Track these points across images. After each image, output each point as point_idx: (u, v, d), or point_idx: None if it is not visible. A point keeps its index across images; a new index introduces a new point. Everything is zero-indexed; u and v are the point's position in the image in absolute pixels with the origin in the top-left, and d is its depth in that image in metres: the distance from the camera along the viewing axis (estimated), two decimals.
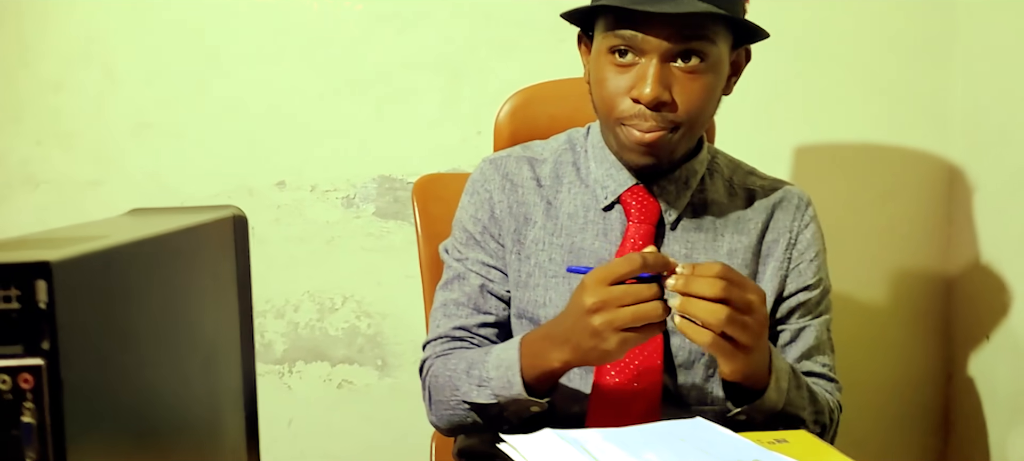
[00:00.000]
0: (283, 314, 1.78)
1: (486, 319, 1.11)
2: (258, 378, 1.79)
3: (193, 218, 0.67)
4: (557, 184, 1.12)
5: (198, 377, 0.64)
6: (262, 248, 1.75)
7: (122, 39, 1.70)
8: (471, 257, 1.12)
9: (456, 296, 1.12)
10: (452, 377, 1.04)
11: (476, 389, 1.00)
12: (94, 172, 1.72)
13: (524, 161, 1.14)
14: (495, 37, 1.71)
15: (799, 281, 1.10)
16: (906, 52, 1.73)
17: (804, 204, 1.13)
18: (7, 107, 1.70)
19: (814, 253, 1.11)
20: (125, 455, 0.52)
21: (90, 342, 0.46)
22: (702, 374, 1.07)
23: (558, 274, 1.07)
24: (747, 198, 1.12)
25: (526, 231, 1.10)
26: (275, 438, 1.80)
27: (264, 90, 1.72)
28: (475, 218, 1.13)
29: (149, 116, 1.72)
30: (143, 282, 0.55)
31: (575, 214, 1.09)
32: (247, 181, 1.74)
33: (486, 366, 0.99)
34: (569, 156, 1.13)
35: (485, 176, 1.14)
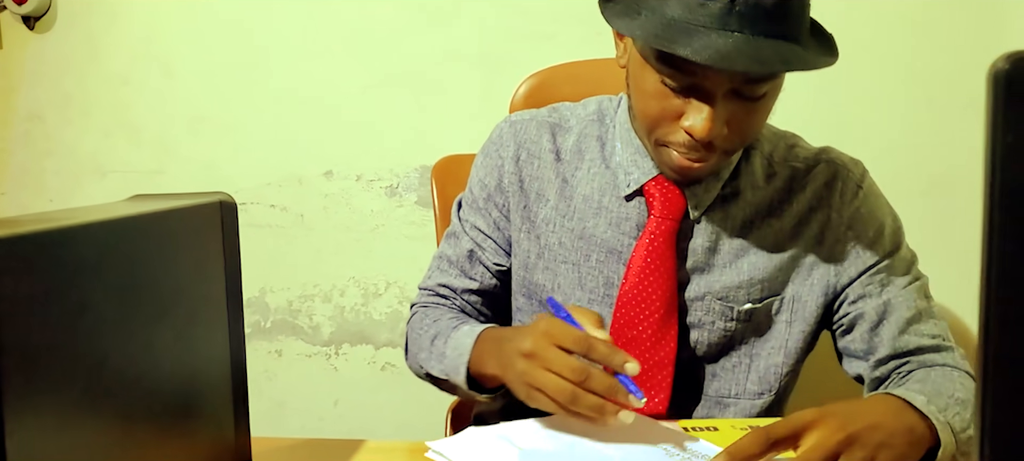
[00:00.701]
0: (330, 298, 1.85)
1: (470, 285, 1.10)
2: (306, 359, 1.89)
3: (173, 203, 0.73)
4: (577, 160, 1.04)
5: (172, 350, 0.70)
6: (310, 235, 1.84)
7: (179, 37, 1.80)
8: (470, 220, 1.10)
9: (450, 253, 1.11)
10: (420, 338, 1.05)
11: (434, 362, 1.00)
12: (155, 162, 1.83)
13: (546, 128, 1.06)
14: (533, 29, 1.73)
15: (859, 263, 0.99)
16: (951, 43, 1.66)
17: (847, 175, 1.01)
18: (79, 102, 1.83)
19: (873, 229, 1.00)
20: (76, 416, 0.57)
21: (35, 311, 0.52)
22: (723, 368, 1.03)
23: (568, 259, 1.03)
24: (786, 178, 1.01)
25: (538, 208, 1.05)
26: (322, 417, 1.88)
27: (311, 84, 1.79)
28: (483, 183, 1.08)
29: (204, 110, 1.81)
30: (105, 259, 0.61)
31: (590, 197, 1.03)
32: (296, 171, 1.82)
33: (447, 343, 0.99)
34: (595, 129, 1.05)
35: (502, 140, 1.08)
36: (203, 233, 0.76)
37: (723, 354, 1.03)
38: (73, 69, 1.82)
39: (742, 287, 1.00)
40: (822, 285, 1.01)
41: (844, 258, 1.00)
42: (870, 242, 1.00)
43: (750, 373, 1.03)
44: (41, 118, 1.84)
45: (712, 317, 1.00)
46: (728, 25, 0.81)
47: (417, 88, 1.77)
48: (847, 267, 1.00)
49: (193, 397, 0.74)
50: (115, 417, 0.62)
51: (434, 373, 1.01)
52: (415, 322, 1.09)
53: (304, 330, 1.87)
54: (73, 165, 1.85)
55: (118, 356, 0.62)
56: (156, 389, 0.67)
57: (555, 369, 0.79)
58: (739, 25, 0.81)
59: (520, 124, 1.07)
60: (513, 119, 1.09)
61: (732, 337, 1.02)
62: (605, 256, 1.02)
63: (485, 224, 1.09)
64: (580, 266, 1.03)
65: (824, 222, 1.00)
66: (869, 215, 1.01)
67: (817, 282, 1.01)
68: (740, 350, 1.03)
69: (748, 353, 1.03)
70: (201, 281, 0.75)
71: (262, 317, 1.88)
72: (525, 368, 0.81)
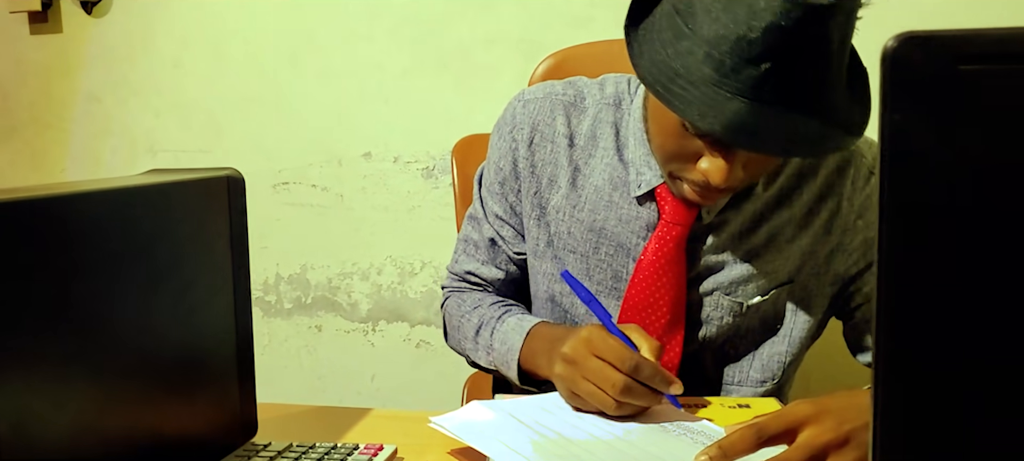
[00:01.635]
0: (367, 276, 1.90)
1: (497, 275, 1.09)
2: (345, 335, 1.94)
3: (179, 177, 0.77)
4: (591, 147, 1.01)
5: (172, 316, 0.74)
6: (350, 214, 1.89)
7: (229, 21, 1.86)
8: (489, 205, 1.09)
9: (475, 237, 1.11)
10: (462, 327, 1.06)
11: (482, 353, 1.03)
12: (204, 142, 1.91)
13: (561, 108, 1.02)
14: (571, 14, 1.74)
15: (871, 253, 0.98)
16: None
17: (865, 164, 0.98)
18: (133, 83, 1.92)
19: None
20: (67, 376, 0.62)
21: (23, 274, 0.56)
22: (727, 358, 1.03)
23: (577, 250, 1.02)
24: (796, 165, 0.98)
25: (549, 195, 1.03)
26: (359, 391, 1.94)
27: (354, 66, 1.84)
28: (498, 167, 1.06)
29: (252, 91, 1.88)
30: (100, 225, 0.65)
31: (601, 189, 1.00)
32: (337, 152, 1.87)
33: (493, 336, 1.01)
34: (611, 115, 1.01)
35: (515, 120, 1.04)
36: (208, 206, 0.80)
37: (728, 344, 1.03)
38: (128, 52, 1.91)
39: (750, 281, 0.98)
40: (831, 275, 1.00)
41: (854, 248, 0.98)
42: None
43: (754, 362, 1.03)
44: (99, 99, 1.94)
45: (720, 313, 1.00)
46: (760, 96, 0.77)
47: (457, 71, 1.80)
48: (857, 258, 0.99)
49: (195, 364, 0.78)
50: (112, 380, 0.67)
51: (482, 363, 1.03)
52: (452, 308, 1.10)
53: (343, 306, 1.93)
54: (128, 144, 1.94)
55: (113, 320, 0.66)
56: (156, 354, 0.72)
57: (594, 380, 0.82)
58: (772, 97, 0.77)
59: (534, 103, 1.04)
60: (527, 97, 1.05)
61: (738, 329, 1.02)
62: (614, 250, 1.00)
63: (502, 210, 1.07)
64: (589, 258, 1.02)
65: (834, 211, 0.98)
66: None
67: (825, 273, 0.99)
68: (746, 340, 1.03)
69: (753, 342, 1.03)
70: (204, 252, 0.79)
71: (303, 293, 1.94)
72: (565, 373, 0.85)
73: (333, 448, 0.82)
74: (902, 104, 0.36)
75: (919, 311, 0.37)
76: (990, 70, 0.35)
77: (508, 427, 0.82)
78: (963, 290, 0.37)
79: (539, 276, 1.06)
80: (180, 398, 0.76)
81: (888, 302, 0.38)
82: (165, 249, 0.74)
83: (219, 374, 0.83)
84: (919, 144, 0.36)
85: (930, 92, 0.36)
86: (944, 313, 0.38)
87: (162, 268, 0.73)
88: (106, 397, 0.67)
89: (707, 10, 0.79)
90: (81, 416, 0.65)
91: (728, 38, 0.77)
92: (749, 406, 0.88)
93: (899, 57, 0.36)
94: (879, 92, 0.37)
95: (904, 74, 0.36)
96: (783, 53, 0.76)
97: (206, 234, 0.80)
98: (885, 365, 0.39)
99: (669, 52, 0.81)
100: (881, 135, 0.37)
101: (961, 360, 0.38)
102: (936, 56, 0.36)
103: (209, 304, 0.80)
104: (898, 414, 0.39)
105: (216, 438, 0.82)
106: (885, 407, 0.39)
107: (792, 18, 0.74)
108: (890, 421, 0.39)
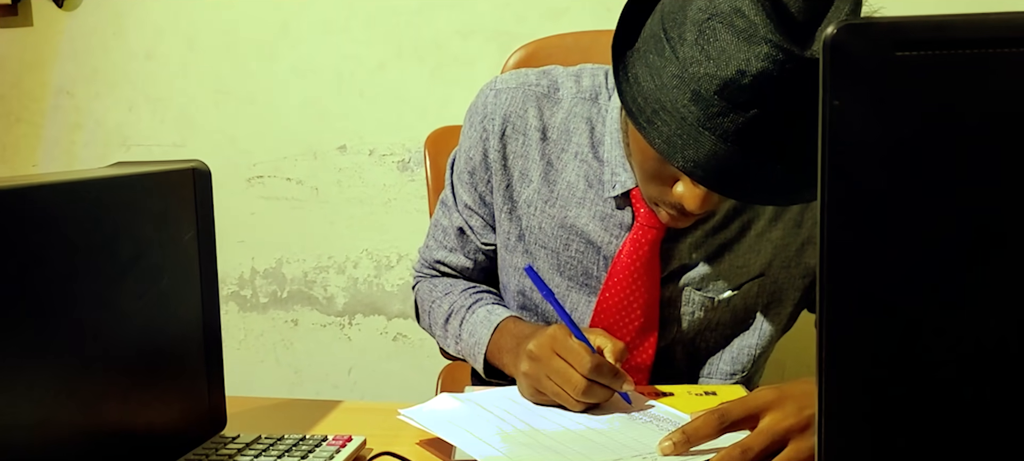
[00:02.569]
0: (344, 270, 1.90)
1: (465, 263, 1.10)
2: (321, 328, 1.94)
3: (143, 169, 0.77)
4: (564, 141, 0.99)
5: (137, 308, 0.74)
6: (325, 207, 1.88)
7: (202, 13, 1.85)
8: (460, 194, 1.08)
9: (445, 223, 1.11)
10: (433, 312, 1.07)
11: (450, 341, 1.05)
12: (178, 135, 1.89)
13: (533, 100, 1.00)
14: (546, 5, 1.74)
15: None
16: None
17: None
18: (104, 76, 1.90)
19: None
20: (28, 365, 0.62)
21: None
22: (698, 351, 1.04)
23: (548, 245, 1.01)
24: None
25: (521, 188, 1.01)
26: (336, 385, 1.93)
27: (329, 59, 1.83)
28: (468, 156, 1.04)
29: (226, 84, 1.87)
30: (61, 216, 0.65)
31: (574, 185, 0.99)
32: (312, 145, 1.87)
33: (462, 327, 1.02)
34: (586, 110, 0.99)
35: (487, 110, 1.02)
36: (173, 198, 0.80)
37: (699, 338, 1.03)
38: (100, 45, 1.89)
39: (722, 277, 0.99)
40: (802, 269, 1.00)
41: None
42: None
43: (724, 355, 1.03)
44: (70, 93, 1.92)
45: (692, 308, 1.00)
46: (744, 142, 0.76)
47: (432, 64, 1.80)
48: None
49: (162, 357, 0.78)
50: (77, 373, 0.66)
51: (450, 351, 1.05)
52: (423, 292, 1.11)
53: (319, 300, 1.92)
54: (101, 138, 1.92)
55: (78, 312, 0.66)
56: (121, 347, 0.71)
57: (556, 380, 0.84)
58: (755, 144, 0.76)
59: (506, 93, 1.01)
60: (499, 86, 1.02)
61: (709, 323, 1.02)
62: (585, 247, 1.00)
63: (471, 200, 1.06)
64: (559, 253, 1.01)
65: (804, 205, 0.98)
66: None
67: (796, 266, 1.00)
68: (716, 333, 1.03)
69: (724, 336, 1.03)
70: (170, 245, 0.79)
71: (279, 287, 1.93)
72: (530, 371, 0.86)
73: (301, 439, 0.82)
74: (842, 90, 0.37)
75: (861, 292, 0.38)
76: (925, 56, 0.36)
77: (476, 418, 0.83)
78: (903, 270, 0.38)
79: (509, 269, 1.06)
80: (146, 391, 0.76)
81: (830, 284, 0.38)
82: (130, 242, 0.73)
83: (186, 367, 0.82)
84: (858, 128, 0.37)
85: (868, 78, 0.37)
86: (885, 293, 0.38)
87: (127, 261, 0.73)
88: (71, 390, 0.66)
89: (698, 43, 0.76)
90: (46, 409, 0.64)
91: (717, 79, 0.75)
92: (715, 393, 0.89)
93: (838, 44, 0.36)
94: (821, 79, 0.37)
95: (844, 61, 0.37)
96: (772, 102, 0.74)
97: (172, 226, 0.80)
98: (829, 348, 0.39)
99: (655, 82, 0.79)
100: (822, 120, 0.37)
101: (903, 340, 0.39)
102: (874, 43, 0.36)
103: (176, 297, 0.80)
104: (842, 397, 0.39)
105: (184, 431, 0.82)
106: (829, 390, 0.40)
107: (786, 70, 0.72)
108: (835, 404, 0.40)
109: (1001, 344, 0.38)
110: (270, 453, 0.79)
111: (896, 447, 0.40)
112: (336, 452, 0.79)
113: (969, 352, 0.38)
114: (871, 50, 0.37)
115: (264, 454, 0.79)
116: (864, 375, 0.40)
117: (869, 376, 0.40)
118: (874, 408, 0.40)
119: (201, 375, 0.85)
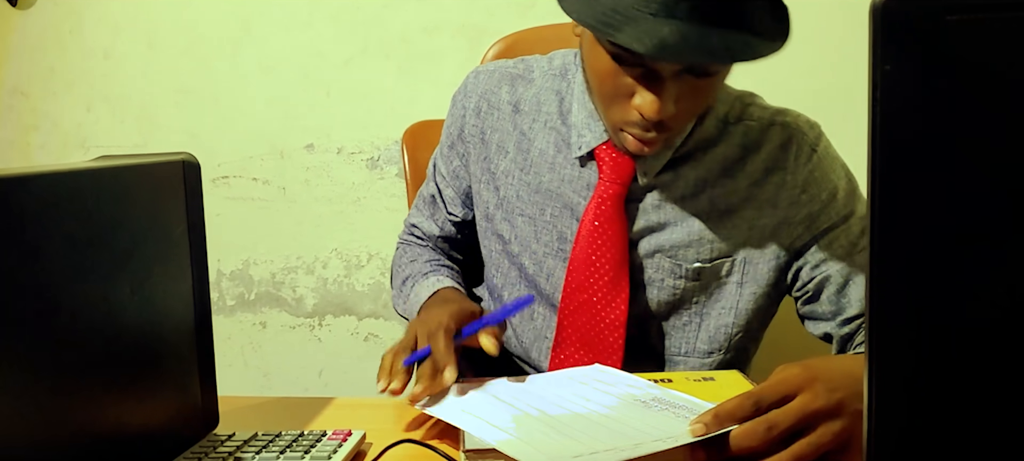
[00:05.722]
0: (313, 270, 1.87)
1: (433, 230, 1.19)
2: (290, 331, 1.90)
3: (134, 161, 0.75)
4: (535, 113, 1.06)
5: (130, 303, 0.72)
6: (292, 207, 1.86)
7: (162, 9, 1.81)
8: (440, 165, 1.17)
9: (425, 192, 1.20)
10: (396, 277, 1.17)
11: (400, 302, 1.14)
12: (139, 135, 1.85)
13: (507, 79, 1.09)
14: (515, 0, 1.74)
15: (816, 224, 1.00)
16: None
17: (802, 137, 1.01)
18: (61, 75, 1.84)
19: (828, 191, 1.00)
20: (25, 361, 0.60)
21: None
22: (673, 327, 1.05)
23: (525, 212, 1.06)
24: (740, 139, 1.01)
25: (498, 160, 1.08)
26: (307, 387, 1.90)
27: (293, 56, 1.80)
28: (449, 131, 1.14)
29: (187, 82, 1.83)
30: (57, 209, 0.63)
31: (545, 152, 1.05)
32: (278, 144, 1.84)
33: (413, 289, 1.10)
34: (556, 84, 1.07)
35: (466, 89, 1.12)
36: (164, 191, 0.78)
37: (673, 312, 1.05)
38: (56, 44, 1.83)
39: (691, 246, 1.01)
40: (776, 248, 1.02)
41: (799, 222, 1.00)
42: (825, 205, 1.00)
43: (700, 332, 1.05)
44: (25, 93, 1.86)
45: (661, 275, 1.02)
46: (675, 12, 0.81)
47: (398, 60, 1.79)
48: (802, 232, 1.01)
49: (155, 352, 0.76)
50: (70, 366, 0.64)
51: (399, 311, 1.14)
52: (396, 256, 1.20)
53: (288, 302, 1.89)
54: (57, 139, 1.87)
55: (71, 305, 0.64)
56: (114, 341, 0.69)
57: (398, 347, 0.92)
58: (687, 12, 0.81)
59: (484, 74, 1.11)
60: (479, 69, 1.12)
61: (682, 295, 1.04)
62: (559, 210, 1.04)
63: (446, 171, 1.15)
64: (536, 220, 1.06)
65: (779, 185, 1.00)
66: (823, 178, 1.00)
67: (771, 245, 1.01)
68: (690, 309, 1.05)
69: (698, 312, 1.05)
70: (161, 238, 0.77)
71: (246, 289, 1.90)
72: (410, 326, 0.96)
73: (300, 435, 0.81)
74: (892, 56, 0.37)
75: (911, 258, 0.39)
76: (977, 19, 0.36)
77: (486, 404, 0.82)
78: (954, 236, 0.38)
79: (493, 238, 1.11)
80: (140, 388, 0.74)
81: (881, 251, 0.39)
82: (122, 235, 0.71)
83: (179, 364, 0.80)
84: (909, 94, 0.38)
85: (919, 42, 0.37)
86: (936, 260, 0.39)
87: (120, 255, 0.70)
88: (61, 387, 0.64)
89: None
90: (38, 407, 0.62)
91: None
92: (713, 378, 0.90)
93: (888, 10, 0.37)
94: (869, 44, 0.38)
95: (894, 25, 0.37)
96: None
97: (163, 220, 0.78)
98: (878, 315, 0.40)
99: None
100: (871, 86, 0.38)
101: (954, 307, 0.39)
102: (925, 7, 0.37)
103: (168, 292, 0.78)
104: (893, 358, 0.40)
105: (177, 430, 0.80)
106: (879, 352, 0.40)
107: None
108: (885, 369, 0.40)
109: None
110: (271, 450, 0.77)
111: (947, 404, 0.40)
112: (338, 446, 0.78)
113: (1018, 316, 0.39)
114: (922, 15, 0.37)
115: (264, 451, 0.77)
116: (914, 338, 0.40)
117: (920, 337, 0.40)
118: (926, 369, 0.40)
119: (193, 372, 0.83)
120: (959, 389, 0.40)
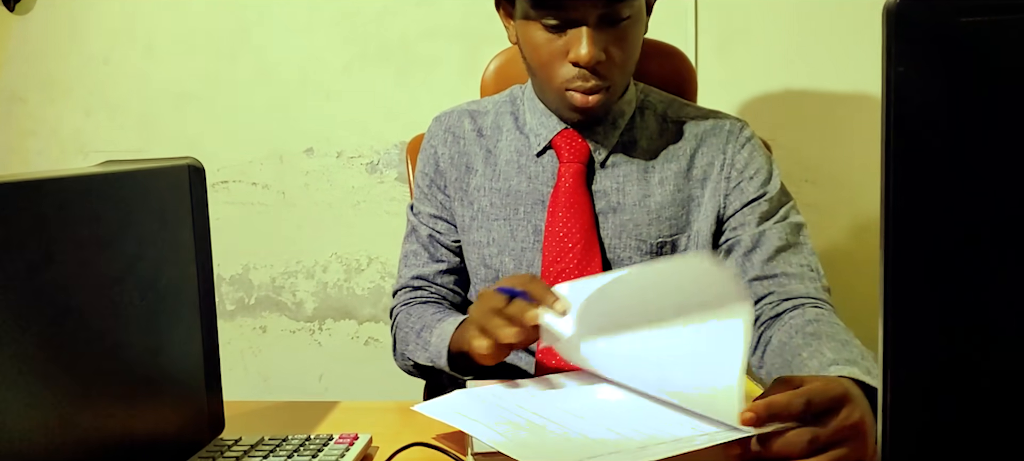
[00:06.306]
0: (313, 274, 1.87)
1: (440, 266, 1.20)
2: (290, 335, 1.90)
3: (140, 166, 0.75)
4: (497, 133, 1.19)
5: (139, 308, 0.72)
6: (292, 212, 1.86)
7: (160, 15, 1.81)
8: (423, 211, 1.22)
9: (414, 247, 1.22)
10: (407, 335, 1.13)
11: (421, 351, 1.08)
12: (138, 141, 1.84)
13: (466, 115, 1.22)
14: None
15: (742, 197, 1.11)
16: None
17: (738, 129, 1.15)
18: (59, 81, 1.84)
19: (755, 170, 1.12)
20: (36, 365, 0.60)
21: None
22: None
23: (499, 216, 1.15)
24: (678, 129, 1.15)
25: (469, 179, 1.18)
26: (307, 391, 1.90)
27: (292, 61, 1.80)
28: (424, 173, 1.22)
29: (187, 87, 1.83)
30: (69, 214, 0.63)
31: (511, 160, 1.16)
32: (278, 148, 1.84)
33: (433, 333, 1.07)
34: (508, 107, 1.21)
35: (431, 132, 1.23)
36: (170, 195, 0.78)
37: None
38: (54, 49, 1.83)
39: (652, 223, 1.12)
40: (713, 217, 1.13)
41: (730, 192, 1.13)
42: (751, 180, 1.12)
43: None
44: (23, 99, 1.86)
45: (629, 252, 1.12)
46: None
47: (398, 64, 1.79)
48: (733, 200, 1.12)
49: (162, 358, 0.76)
50: (79, 370, 0.64)
51: (420, 361, 1.08)
52: (401, 321, 1.17)
53: (288, 306, 1.89)
54: (56, 145, 1.86)
55: (81, 309, 0.64)
56: (122, 345, 0.69)
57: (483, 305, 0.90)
58: None
59: (443, 116, 1.24)
60: (438, 115, 1.25)
61: None
62: (531, 206, 1.14)
63: (434, 208, 1.21)
64: (510, 220, 1.15)
65: (719, 166, 1.13)
66: (753, 160, 1.13)
67: (709, 214, 1.13)
68: None
69: None
70: (169, 242, 0.77)
71: (246, 294, 1.89)
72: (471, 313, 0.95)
73: (307, 440, 0.81)
74: (905, 56, 0.38)
75: (925, 258, 0.39)
76: (990, 20, 0.37)
77: (492, 409, 0.82)
78: (968, 237, 0.39)
79: (471, 248, 1.17)
80: (146, 393, 0.74)
81: (895, 251, 0.39)
82: (130, 240, 0.71)
83: (187, 368, 0.80)
84: (922, 95, 0.38)
85: (932, 44, 0.37)
86: (950, 260, 0.39)
87: (129, 260, 0.71)
88: (70, 391, 0.64)
89: None
90: (47, 411, 0.62)
91: None
92: None
93: (902, 12, 0.37)
94: (883, 46, 0.38)
95: (907, 27, 0.37)
96: None
97: (170, 225, 0.78)
98: (893, 315, 0.40)
99: None
100: (886, 87, 0.38)
101: (967, 307, 0.40)
102: (938, 9, 0.37)
103: (175, 296, 0.78)
104: (908, 358, 0.40)
105: (184, 434, 0.80)
106: (894, 351, 0.41)
107: None
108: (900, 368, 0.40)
109: None
110: (278, 454, 0.77)
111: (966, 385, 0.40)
112: (346, 450, 0.78)
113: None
114: (935, 16, 0.37)
115: (272, 455, 0.77)
116: (927, 335, 0.40)
117: (932, 336, 0.40)
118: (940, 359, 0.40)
119: (200, 377, 0.83)
120: (973, 388, 0.41)
